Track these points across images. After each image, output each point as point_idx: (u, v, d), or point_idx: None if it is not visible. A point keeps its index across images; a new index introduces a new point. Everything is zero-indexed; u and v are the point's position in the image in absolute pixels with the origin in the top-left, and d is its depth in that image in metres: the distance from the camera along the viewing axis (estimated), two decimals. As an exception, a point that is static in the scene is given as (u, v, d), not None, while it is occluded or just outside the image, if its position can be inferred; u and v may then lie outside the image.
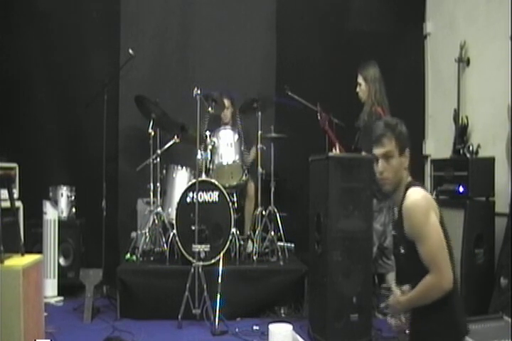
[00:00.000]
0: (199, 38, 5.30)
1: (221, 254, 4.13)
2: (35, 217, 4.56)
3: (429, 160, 5.01)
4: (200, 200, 4.17)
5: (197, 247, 4.04)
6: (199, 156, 4.31)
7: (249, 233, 4.64)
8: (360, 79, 4.11)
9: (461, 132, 4.35)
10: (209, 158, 4.51)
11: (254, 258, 4.36)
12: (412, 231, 2.03)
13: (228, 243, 4.19)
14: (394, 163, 2.16)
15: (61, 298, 4.52)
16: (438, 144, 5.20)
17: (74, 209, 4.88)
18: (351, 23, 5.38)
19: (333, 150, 4.22)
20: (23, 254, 2.86)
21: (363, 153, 3.90)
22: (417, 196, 2.07)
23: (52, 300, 4.44)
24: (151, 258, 4.43)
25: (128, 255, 4.46)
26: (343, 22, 5.39)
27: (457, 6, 4.87)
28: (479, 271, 3.82)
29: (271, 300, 4.15)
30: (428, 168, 4.87)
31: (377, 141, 2.16)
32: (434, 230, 2.03)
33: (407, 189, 2.13)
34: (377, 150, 2.16)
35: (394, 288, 2.17)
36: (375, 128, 2.20)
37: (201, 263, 3.95)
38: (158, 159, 4.56)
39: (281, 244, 4.53)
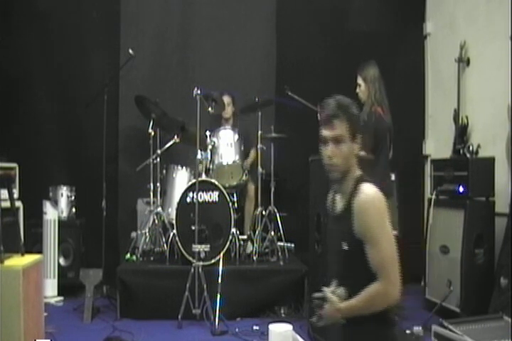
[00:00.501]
0: (199, 38, 5.30)
1: (221, 254, 4.13)
2: (35, 217, 4.56)
3: (429, 160, 5.01)
4: (200, 200, 4.17)
5: (197, 247, 4.04)
6: (199, 156, 4.31)
7: (249, 233, 4.64)
8: (359, 80, 4.10)
9: (461, 132, 4.35)
10: (209, 158, 4.51)
11: (254, 258, 4.36)
12: (364, 231, 1.83)
13: (228, 243, 4.19)
14: (344, 148, 1.90)
15: (61, 298, 4.52)
16: (438, 144, 5.20)
17: (74, 209, 4.88)
18: (351, 23, 5.38)
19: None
20: (23, 254, 2.86)
21: (363, 153, 3.89)
22: (374, 194, 1.88)
23: (52, 300, 4.44)
24: (151, 258, 4.44)
25: (128, 255, 4.46)
26: (343, 22, 5.39)
27: (457, 6, 4.87)
28: (479, 271, 3.82)
29: (271, 300, 4.15)
30: (428, 168, 4.87)
31: (328, 122, 1.91)
32: (389, 235, 1.85)
33: (358, 181, 1.92)
34: (327, 133, 1.92)
35: (328, 294, 1.92)
36: (326, 106, 1.95)
37: (201, 263, 3.95)
38: (158, 159, 4.56)
39: (281, 244, 4.53)
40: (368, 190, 1.87)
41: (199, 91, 4.09)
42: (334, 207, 2.04)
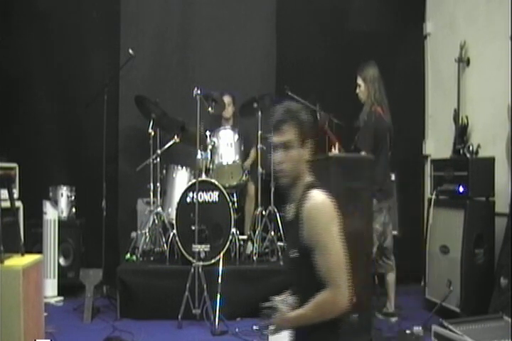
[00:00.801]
0: (199, 38, 5.29)
1: (221, 254, 4.13)
2: (35, 217, 4.56)
3: (429, 160, 5.01)
4: (200, 200, 4.17)
5: (197, 247, 4.04)
6: (199, 156, 4.31)
7: (249, 233, 4.63)
8: (359, 80, 4.10)
9: (461, 132, 4.35)
10: (209, 158, 4.51)
11: (254, 258, 4.36)
12: (311, 237, 1.79)
13: (228, 243, 4.19)
14: (293, 154, 1.89)
15: (61, 298, 4.52)
16: (438, 144, 5.20)
17: (74, 209, 4.88)
18: (351, 23, 5.38)
19: (333, 150, 4.22)
20: (23, 254, 2.86)
21: (363, 153, 3.90)
22: (323, 201, 1.83)
23: (52, 300, 4.44)
24: (151, 258, 4.44)
25: (128, 255, 4.46)
26: (343, 22, 5.39)
27: (457, 6, 4.87)
28: (479, 271, 3.82)
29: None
30: (428, 168, 4.87)
31: (276, 127, 1.91)
32: (336, 243, 1.82)
33: (308, 188, 1.88)
34: (277, 138, 1.92)
35: (277, 303, 1.89)
36: (275, 112, 1.94)
37: (201, 263, 3.95)
38: (158, 159, 4.56)
39: (281, 244, 4.53)
40: (317, 197, 1.83)
41: (199, 91, 4.09)
42: (287, 214, 2.00)
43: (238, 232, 4.38)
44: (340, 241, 1.85)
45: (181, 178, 4.60)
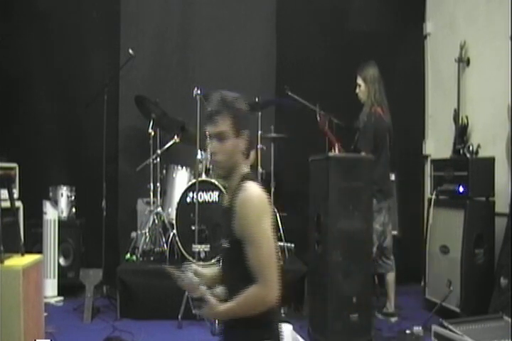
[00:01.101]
0: (199, 38, 5.29)
1: (221, 254, 4.13)
2: (35, 217, 4.56)
3: (429, 160, 5.01)
4: (200, 200, 4.17)
5: (197, 247, 4.04)
6: (199, 156, 4.31)
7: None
8: (359, 81, 4.10)
9: (461, 132, 4.35)
10: (209, 158, 4.51)
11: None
12: (243, 230, 1.77)
13: (228, 243, 4.19)
14: (228, 145, 1.84)
15: (61, 298, 4.52)
16: (438, 144, 5.20)
17: (74, 209, 4.88)
18: (351, 23, 5.38)
19: (333, 150, 4.22)
20: (23, 254, 2.86)
21: (363, 153, 3.90)
22: (256, 193, 1.79)
23: (52, 300, 4.43)
24: (151, 258, 4.43)
25: (128, 255, 4.46)
26: (343, 22, 5.39)
27: (457, 6, 4.87)
28: (479, 271, 3.82)
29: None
30: (428, 168, 4.88)
31: (211, 118, 1.85)
32: (268, 237, 1.78)
33: (243, 179, 1.85)
34: (211, 129, 1.86)
35: (207, 295, 1.83)
36: (210, 101, 1.89)
37: (201, 263, 3.95)
38: (158, 159, 4.56)
39: (281, 244, 4.52)
40: (251, 189, 1.80)
41: (199, 91, 4.09)
42: (223, 203, 1.98)
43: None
44: (273, 236, 1.80)
45: (181, 178, 4.60)
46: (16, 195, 4.19)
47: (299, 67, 5.30)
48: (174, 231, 4.21)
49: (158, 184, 4.60)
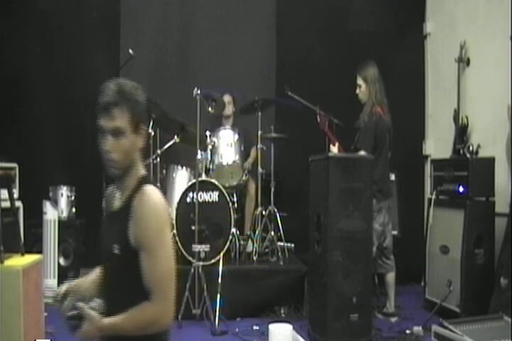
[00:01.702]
0: (199, 38, 5.30)
1: (221, 254, 4.13)
2: (35, 217, 4.55)
3: (429, 160, 5.01)
4: (200, 200, 4.17)
5: (197, 247, 4.04)
6: (199, 156, 4.31)
7: (249, 233, 4.63)
8: (359, 81, 4.10)
9: (461, 132, 4.35)
10: (209, 158, 4.51)
11: (254, 258, 4.36)
12: (140, 238, 1.57)
13: (228, 243, 4.19)
14: (125, 142, 1.64)
15: (61, 298, 4.51)
16: (438, 144, 5.20)
17: (74, 209, 4.87)
18: (351, 23, 5.38)
19: (333, 150, 4.22)
20: (23, 254, 2.86)
21: (362, 152, 3.90)
22: (158, 200, 1.62)
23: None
24: (151, 258, 4.42)
25: (128, 255, 4.45)
26: (343, 22, 5.39)
27: (457, 6, 4.87)
28: (479, 271, 3.82)
29: (271, 300, 4.14)
30: (428, 168, 4.88)
31: (106, 110, 1.62)
32: (168, 248, 1.61)
33: (141, 182, 1.67)
34: (105, 123, 1.63)
35: (86, 310, 1.59)
36: (106, 91, 1.69)
37: (201, 263, 3.95)
38: (158, 159, 4.56)
39: (281, 244, 4.53)
40: (152, 194, 1.62)
41: (199, 91, 4.09)
42: (111, 204, 1.79)
43: (238, 232, 4.39)
44: (172, 248, 1.65)
45: (181, 178, 4.60)
46: (16, 195, 4.18)
47: (299, 67, 5.30)
48: (174, 231, 4.21)
49: (158, 184, 4.59)
